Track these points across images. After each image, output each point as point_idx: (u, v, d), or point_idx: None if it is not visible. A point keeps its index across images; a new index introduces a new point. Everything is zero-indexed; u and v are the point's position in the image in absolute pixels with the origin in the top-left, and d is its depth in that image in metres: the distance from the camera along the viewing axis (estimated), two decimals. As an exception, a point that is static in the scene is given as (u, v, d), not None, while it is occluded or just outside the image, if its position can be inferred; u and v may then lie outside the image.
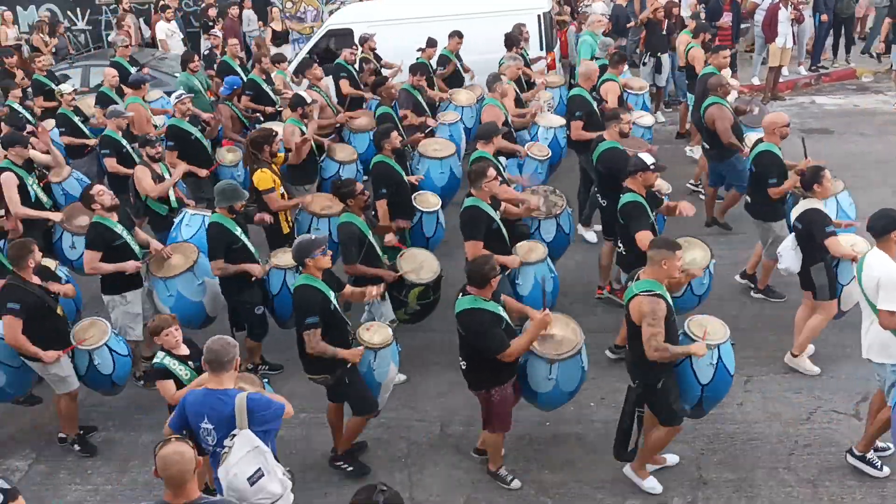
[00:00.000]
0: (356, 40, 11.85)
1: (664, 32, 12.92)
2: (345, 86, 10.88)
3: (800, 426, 6.28)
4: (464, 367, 5.71)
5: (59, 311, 6.30)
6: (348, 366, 5.71)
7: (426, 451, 6.38)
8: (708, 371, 5.43)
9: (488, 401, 5.64)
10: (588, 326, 7.23)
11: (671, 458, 5.94)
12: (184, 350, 5.60)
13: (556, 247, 7.57)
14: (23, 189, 7.94)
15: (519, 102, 10.07)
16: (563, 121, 9.68)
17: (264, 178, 7.59)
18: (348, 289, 6.26)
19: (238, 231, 6.85)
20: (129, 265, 6.86)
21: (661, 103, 13.26)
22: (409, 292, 6.84)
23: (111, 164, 8.94)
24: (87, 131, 10.16)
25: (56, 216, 8.12)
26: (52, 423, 6.88)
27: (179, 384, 5.43)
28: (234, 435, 4.49)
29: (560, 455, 6.19)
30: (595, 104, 9.10)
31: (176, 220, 7.88)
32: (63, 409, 6.49)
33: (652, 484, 5.74)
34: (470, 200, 6.73)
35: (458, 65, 11.57)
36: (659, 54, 12.77)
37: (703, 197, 9.71)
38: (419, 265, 6.94)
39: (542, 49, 12.30)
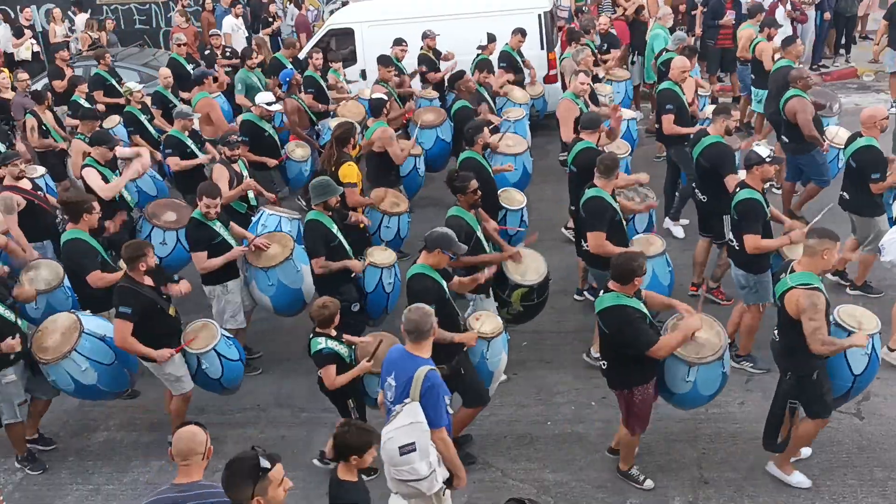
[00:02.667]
0: (393, 40, 11.46)
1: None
2: (308, 99, 10.66)
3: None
4: (604, 367, 5.61)
5: (171, 311, 6.21)
6: (464, 349, 5.71)
7: (427, 450, 6.38)
8: (862, 361, 5.35)
9: (630, 400, 5.50)
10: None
11: (805, 451, 5.85)
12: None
13: None
14: None
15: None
16: (633, 114, 9.72)
17: (350, 171, 7.55)
18: (456, 280, 6.15)
19: (335, 228, 6.81)
20: (236, 251, 6.92)
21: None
22: (513, 293, 6.70)
23: (174, 162, 8.91)
24: (152, 130, 10.16)
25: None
26: (53, 424, 6.89)
27: (340, 369, 5.61)
28: (406, 403, 4.54)
29: (561, 454, 6.19)
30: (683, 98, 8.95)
31: (253, 220, 7.85)
32: (174, 410, 6.38)
33: (799, 479, 5.62)
34: (594, 191, 6.60)
35: (520, 62, 11.61)
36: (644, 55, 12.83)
37: (776, 191, 9.58)
38: (525, 266, 6.78)
39: (542, 49, 12.30)
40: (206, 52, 12.67)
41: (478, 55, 11.15)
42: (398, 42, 11.33)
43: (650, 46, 12.31)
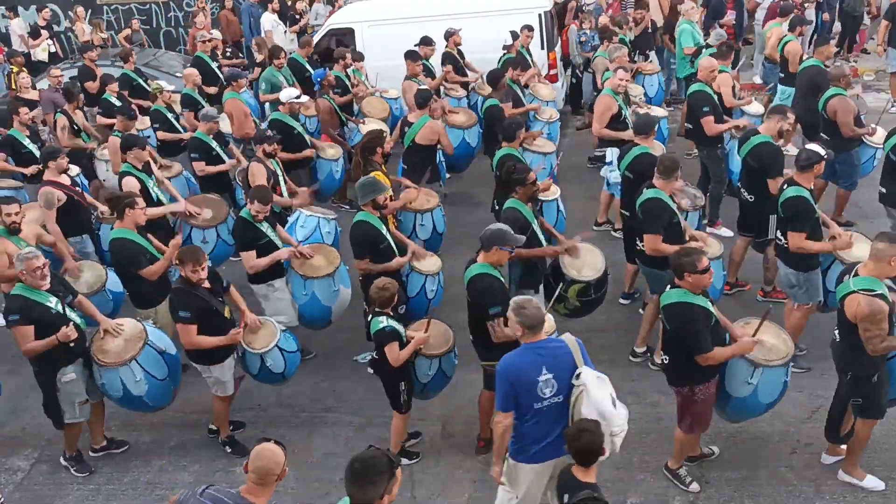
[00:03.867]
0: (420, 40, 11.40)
1: (649, 30, 12.99)
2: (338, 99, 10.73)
3: (802, 425, 6.27)
4: (666, 363, 5.55)
5: (226, 313, 6.21)
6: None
7: (428, 449, 6.38)
8: None
9: (690, 399, 5.43)
10: (596, 325, 7.28)
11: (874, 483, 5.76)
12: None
13: None
14: (145, 192, 7.71)
15: (519, 103, 10.12)
16: (664, 112, 9.67)
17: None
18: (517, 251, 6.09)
19: (384, 229, 6.78)
20: (282, 253, 6.90)
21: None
22: (570, 288, 6.64)
23: (199, 167, 8.89)
24: (180, 128, 10.16)
25: (179, 206, 7.96)
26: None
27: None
28: (579, 374, 4.56)
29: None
30: (716, 97, 8.91)
31: (290, 220, 7.77)
32: (217, 411, 6.42)
33: (874, 483, 5.60)
34: (652, 192, 6.56)
35: (530, 59, 11.65)
36: (647, 52, 12.81)
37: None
38: (583, 261, 6.74)
39: (543, 48, 12.30)
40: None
41: (504, 54, 11.20)
42: (427, 41, 11.29)
43: (678, 42, 12.36)
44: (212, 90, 11.39)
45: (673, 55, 12.96)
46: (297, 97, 9.44)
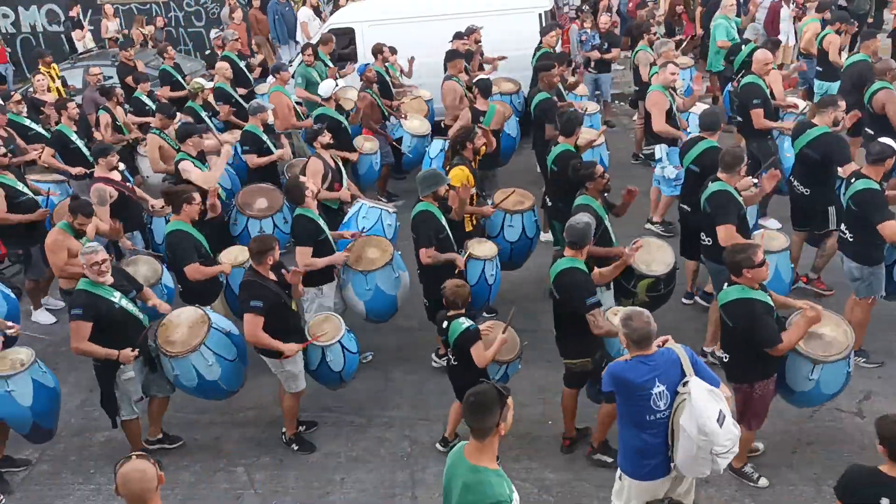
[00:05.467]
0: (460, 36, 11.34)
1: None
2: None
3: (803, 424, 6.27)
4: (725, 360, 5.51)
5: (293, 306, 6.18)
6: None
7: (428, 449, 6.38)
8: None
9: (749, 396, 5.42)
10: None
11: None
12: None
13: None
14: None
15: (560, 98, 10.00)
16: (705, 106, 9.60)
17: (459, 175, 7.45)
18: (596, 271, 6.07)
19: (443, 220, 6.77)
20: (339, 257, 6.86)
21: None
22: (639, 283, 6.57)
23: (251, 160, 8.92)
24: (213, 126, 10.18)
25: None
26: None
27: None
28: (686, 382, 4.45)
29: (562, 454, 6.18)
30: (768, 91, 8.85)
31: (351, 212, 7.75)
32: (287, 407, 6.38)
33: None
34: (718, 185, 6.49)
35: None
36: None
37: None
38: (652, 256, 6.65)
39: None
40: (207, 53, 12.70)
41: (539, 47, 11.21)
42: (459, 36, 11.24)
43: (712, 36, 12.37)
44: (241, 91, 11.43)
45: None
46: (335, 88, 9.50)
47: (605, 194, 6.85)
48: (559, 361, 6.24)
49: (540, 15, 12.22)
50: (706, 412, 4.32)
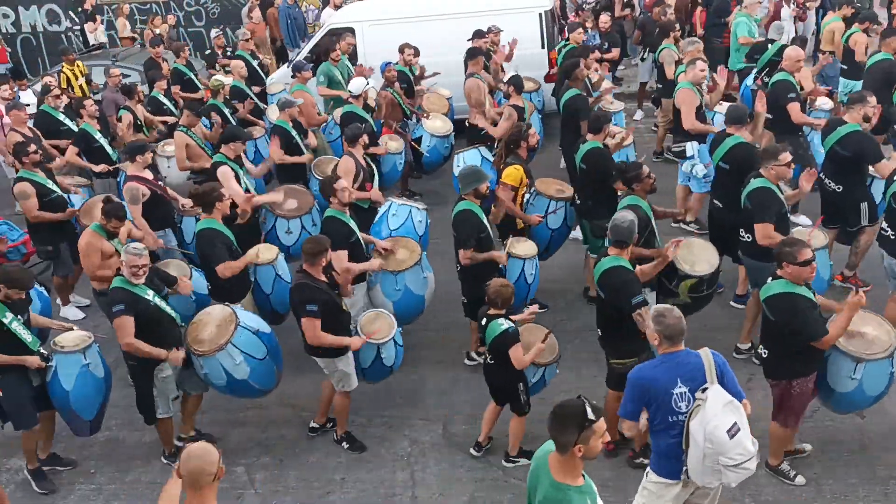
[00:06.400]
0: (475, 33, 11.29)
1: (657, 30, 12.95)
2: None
3: (802, 424, 6.25)
4: (764, 356, 5.47)
5: (343, 306, 6.19)
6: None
7: (429, 449, 6.38)
8: None
9: (787, 392, 5.36)
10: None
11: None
12: None
13: None
14: (237, 181, 7.82)
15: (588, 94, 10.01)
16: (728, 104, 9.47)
17: (514, 174, 7.41)
18: (638, 269, 6.01)
19: (485, 219, 6.75)
20: (375, 264, 6.86)
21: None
22: (681, 283, 6.49)
23: (279, 155, 8.91)
24: (234, 123, 10.14)
25: (274, 197, 8.00)
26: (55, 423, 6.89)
27: None
28: (706, 389, 4.39)
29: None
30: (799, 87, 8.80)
31: (381, 210, 7.73)
32: (340, 406, 6.37)
33: None
34: (760, 181, 6.43)
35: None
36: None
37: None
38: (696, 256, 6.54)
39: (542, 47, 12.29)
40: (207, 52, 12.71)
41: (566, 44, 11.20)
42: (480, 34, 11.17)
43: (733, 34, 12.35)
44: (256, 89, 11.43)
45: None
46: (366, 86, 9.52)
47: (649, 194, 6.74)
48: (561, 361, 6.25)
49: (540, 15, 12.22)
50: (716, 420, 4.30)
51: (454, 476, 6.08)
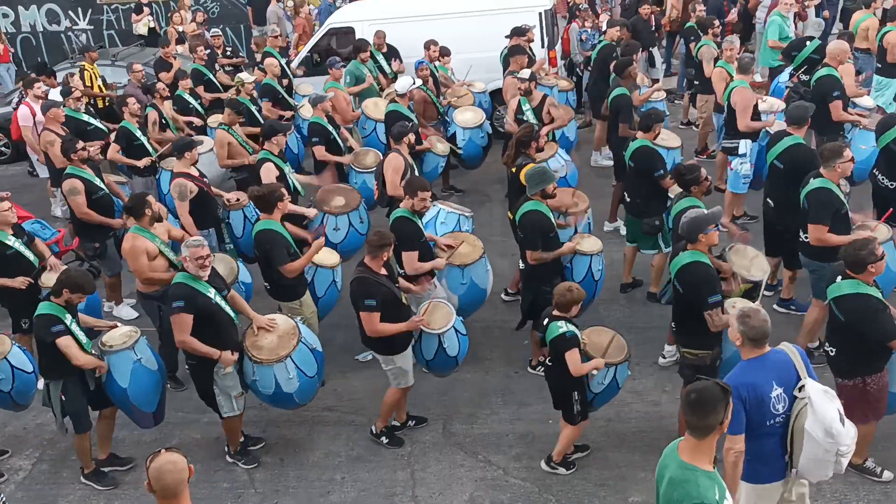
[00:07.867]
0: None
1: (652, 28, 12.97)
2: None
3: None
4: (832, 354, 5.42)
5: (403, 299, 6.16)
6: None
7: (429, 449, 6.38)
8: None
9: (863, 391, 5.27)
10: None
11: None
12: None
13: None
14: (282, 178, 7.81)
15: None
16: (783, 104, 9.35)
17: None
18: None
19: (552, 218, 6.76)
20: (440, 263, 6.85)
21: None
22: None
23: (320, 152, 8.91)
24: (261, 120, 10.12)
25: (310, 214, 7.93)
26: (55, 423, 6.89)
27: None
28: (802, 386, 4.34)
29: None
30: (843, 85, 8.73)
31: (428, 216, 7.66)
32: (392, 401, 6.35)
33: None
34: (820, 182, 6.37)
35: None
36: (650, 49, 12.82)
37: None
38: (750, 261, 6.47)
39: (543, 46, 12.28)
40: (208, 52, 12.66)
41: (600, 41, 11.19)
42: (520, 32, 11.12)
43: (765, 33, 12.34)
44: (284, 81, 11.42)
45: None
46: (412, 85, 9.55)
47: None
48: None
49: (540, 14, 12.20)
50: (829, 414, 4.26)
51: (454, 476, 6.08)
